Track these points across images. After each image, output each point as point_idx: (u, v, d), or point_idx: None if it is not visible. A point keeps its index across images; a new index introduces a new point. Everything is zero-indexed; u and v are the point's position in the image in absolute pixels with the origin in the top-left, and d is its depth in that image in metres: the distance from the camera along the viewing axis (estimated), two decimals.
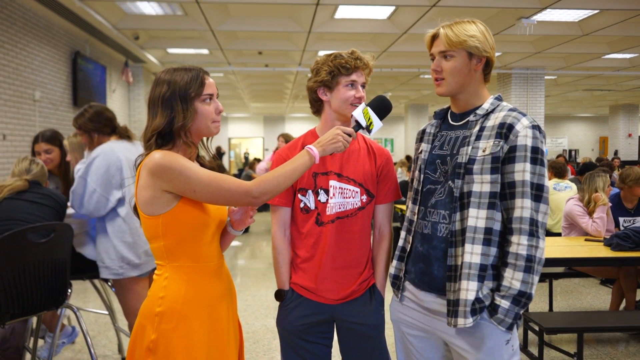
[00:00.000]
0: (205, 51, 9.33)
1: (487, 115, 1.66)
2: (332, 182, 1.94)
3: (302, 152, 1.62)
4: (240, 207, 1.73)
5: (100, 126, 2.86)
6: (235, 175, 13.62)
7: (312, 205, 1.94)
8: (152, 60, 9.60)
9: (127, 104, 10.43)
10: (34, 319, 3.02)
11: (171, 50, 9.57)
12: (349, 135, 1.68)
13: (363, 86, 1.94)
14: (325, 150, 1.64)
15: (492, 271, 1.59)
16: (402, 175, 8.96)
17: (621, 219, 4.18)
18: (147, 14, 7.25)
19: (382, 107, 1.77)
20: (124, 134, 2.94)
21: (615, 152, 17.50)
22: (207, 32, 7.71)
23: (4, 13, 5.65)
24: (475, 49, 1.64)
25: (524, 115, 1.61)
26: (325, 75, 1.91)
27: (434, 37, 1.70)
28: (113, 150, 2.79)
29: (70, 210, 2.96)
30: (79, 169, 2.85)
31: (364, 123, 1.72)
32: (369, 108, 1.74)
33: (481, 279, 1.57)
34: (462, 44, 1.63)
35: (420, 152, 1.80)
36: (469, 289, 1.56)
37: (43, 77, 6.63)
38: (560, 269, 4.37)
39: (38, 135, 3.46)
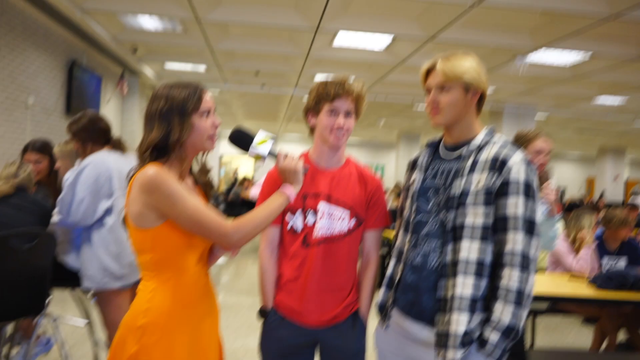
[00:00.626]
0: (202, 68, 9.37)
1: (480, 148, 1.68)
2: (321, 205, 1.94)
3: (276, 194, 1.67)
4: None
5: (95, 136, 2.85)
6: (225, 192, 13.52)
7: (299, 226, 1.95)
8: (149, 74, 9.63)
9: (120, 115, 10.41)
10: (10, 326, 2.96)
11: (168, 65, 9.61)
12: (296, 165, 1.71)
13: (348, 114, 1.93)
14: (296, 186, 1.70)
15: (482, 303, 1.60)
16: (389, 202, 8.98)
17: (604, 260, 4.21)
18: (146, 29, 7.28)
19: (240, 137, 1.73)
20: (117, 146, 2.93)
21: (602, 194, 17.71)
22: (206, 50, 7.77)
23: (3, 19, 5.66)
24: (471, 82, 1.67)
25: (517, 150, 1.64)
26: (312, 101, 1.96)
27: (429, 70, 1.73)
28: (103, 160, 2.78)
29: (55, 218, 2.93)
30: (68, 177, 2.83)
31: (267, 148, 1.70)
32: (258, 139, 1.71)
33: (472, 311, 1.58)
34: (459, 78, 1.66)
35: (412, 182, 1.81)
36: (459, 321, 1.56)
37: (38, 83, 6.61)
38: (543, 305, 4.37)
39: (28, 145, 3.44)
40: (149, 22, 6.97)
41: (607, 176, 18.42)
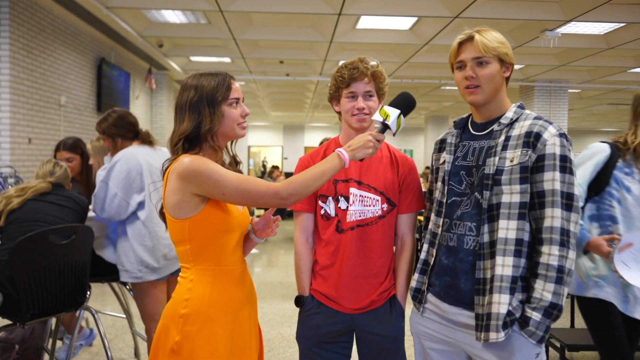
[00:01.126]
0: (227, 59, 9.41)
1: (511, 124, 1.63)
2: (352, 190, 1.93)
3: (332, 155, 1.60)
4: (264, 216, 1.76)
5: (123, 131, 2.90)
6: None
7: (332, 212, 1.94)
8: (175, 68, 9.72)
9: (149, 110, 10.56)
10: (53, 320, 3.05)
11: (194, 58, 9.69)
12: (379, 140, 1.64)
13: (368, 95, 1.90)
14: (355, 155, 1.61)
15: (522, 283, 1.56)
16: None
17: None
18: (171, 22, 7.35)
19: (403, 103, 1.69)
20: (146, 139, 2.97)
21: None
22: (230, 41, 7.79)
23: (33, 20, 5.78)
24: (505, 55, 1.64)
25: (550, 123, 1.59)
26: (332, 88, 1.97)
27: (461, 44, 1.68)
28: (134, 154, 2.81)
29: (91, 214, 2.99)
30: (100, 174, 2.88)
31: (380, 119, 1.65)
32: (386, 107, 1.67)
33: (512, 291, 1.54)
34: (496, 50, 1.63)
35: (443, 162, 1.77)
36: (501, 302, 1.53)
37: (69, 82, 6.75)
38: None
39: (60, 144, 3.52)
40: (172, 16, 7.03)
41: None
